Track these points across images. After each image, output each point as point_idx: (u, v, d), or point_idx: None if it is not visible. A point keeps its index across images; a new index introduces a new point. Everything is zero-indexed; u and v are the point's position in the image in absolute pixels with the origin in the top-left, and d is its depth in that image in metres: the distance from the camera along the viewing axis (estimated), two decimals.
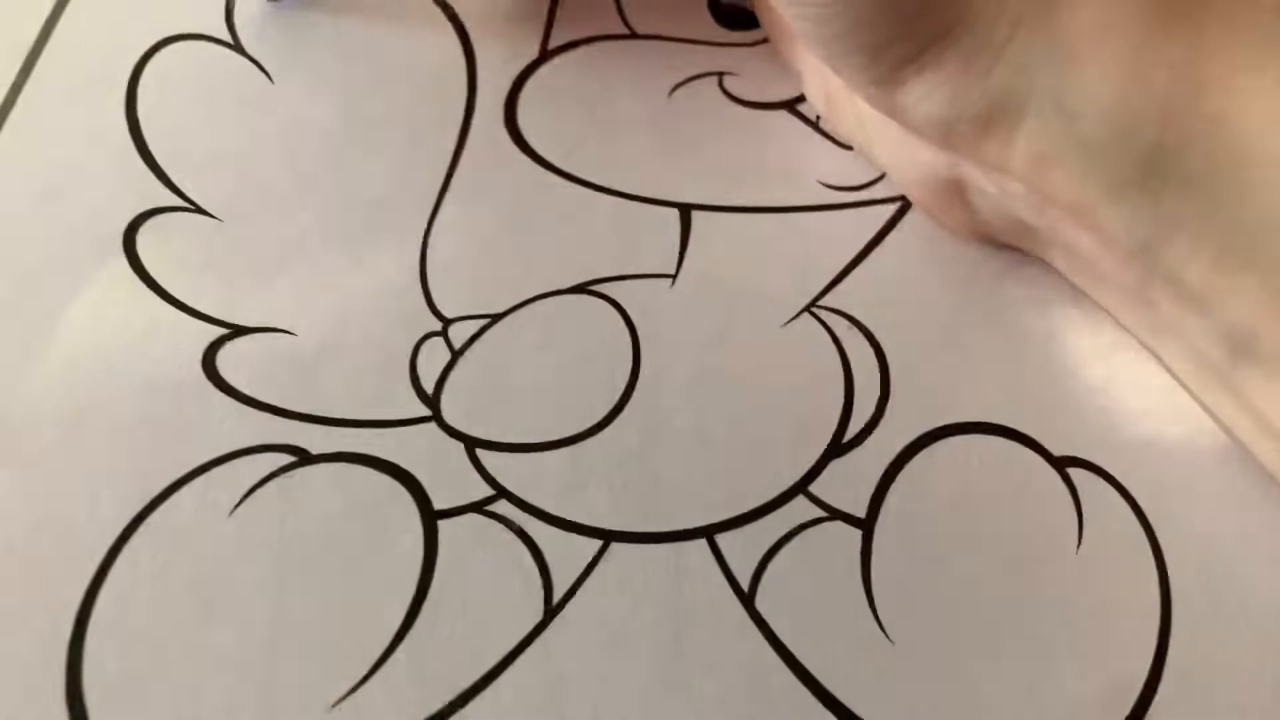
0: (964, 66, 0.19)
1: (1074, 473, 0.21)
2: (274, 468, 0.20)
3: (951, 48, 0.18)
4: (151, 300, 0.22)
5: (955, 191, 0.22)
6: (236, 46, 0.26)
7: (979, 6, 0.18)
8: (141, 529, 0.20)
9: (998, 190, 0.21)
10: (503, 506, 0.20)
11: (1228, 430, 0.21)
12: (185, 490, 0.20)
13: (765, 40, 0.26)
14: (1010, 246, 0.23)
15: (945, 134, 0.20)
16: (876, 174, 0.25)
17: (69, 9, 0.27)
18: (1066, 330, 0.23)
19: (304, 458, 0.21)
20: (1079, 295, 0.23)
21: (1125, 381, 0.22)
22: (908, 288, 0.23)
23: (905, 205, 0.24)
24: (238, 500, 0.20)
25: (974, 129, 0.19)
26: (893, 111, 0.20)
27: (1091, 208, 0.19)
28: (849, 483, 0.21)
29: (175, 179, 0.24)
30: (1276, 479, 0.20)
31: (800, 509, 0.20)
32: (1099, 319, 0.22)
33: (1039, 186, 0.19)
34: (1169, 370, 0.22)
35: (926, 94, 0.19)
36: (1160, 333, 0.21)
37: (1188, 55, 0.17)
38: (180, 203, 0.24)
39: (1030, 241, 0.23)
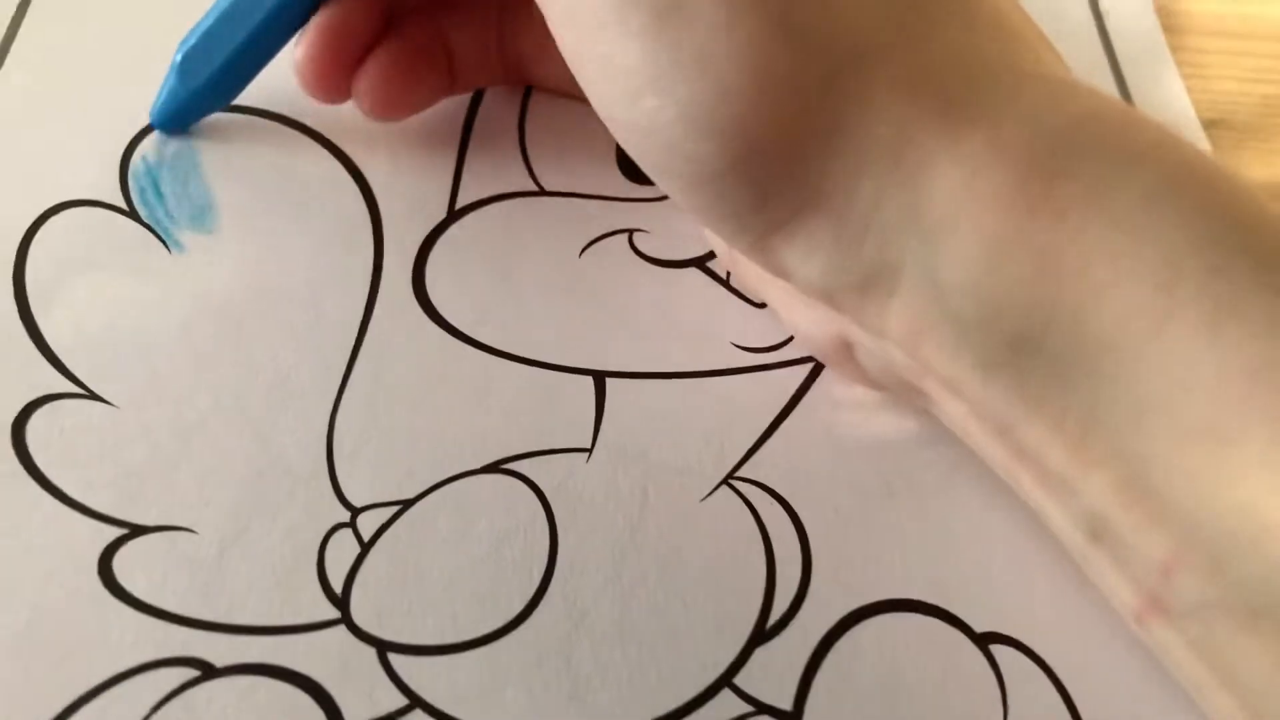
0: (835, 235, 0.19)
1: (996, 649, 0.21)
2: (176, 684, 0.20)
3: (819, 217, 0.19)
4: (43, 499, 0.21)
5: (845, 349, 0.22)
6: (131, 213, 0.25)
7: (833, 180, 0.18)
8: None
9: (881, 352, 0.21)
10: (417, 717, 0.19)
11: None
12: (82, 714, 0.19)
13: None
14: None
15: (828, 297, 0.20)
16: (789, 333, 0.24)
17: None
18: (981, 499, 0.23)
19: (208, 671, 0.20)
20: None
21: (1039, 551, 0.22)
22: (824, 455, 0.23)
23: (819, 365, 0.24)
24: None
25: (853, 294, 0.19)
26: (778, 273, 0.20)
27: (963, 382, 0.19)
28: (774, 672, 0.20)
29: (67, 362, 0.23)
30: None
31: (726, 704, 0.20)
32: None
33: (915, 355, 0.19)
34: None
35: (803, 260, 0.19)
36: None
37: (1048, 240, 0.17)
38: (73, 388, 0.23)
39: (919, 400, 0.22)
